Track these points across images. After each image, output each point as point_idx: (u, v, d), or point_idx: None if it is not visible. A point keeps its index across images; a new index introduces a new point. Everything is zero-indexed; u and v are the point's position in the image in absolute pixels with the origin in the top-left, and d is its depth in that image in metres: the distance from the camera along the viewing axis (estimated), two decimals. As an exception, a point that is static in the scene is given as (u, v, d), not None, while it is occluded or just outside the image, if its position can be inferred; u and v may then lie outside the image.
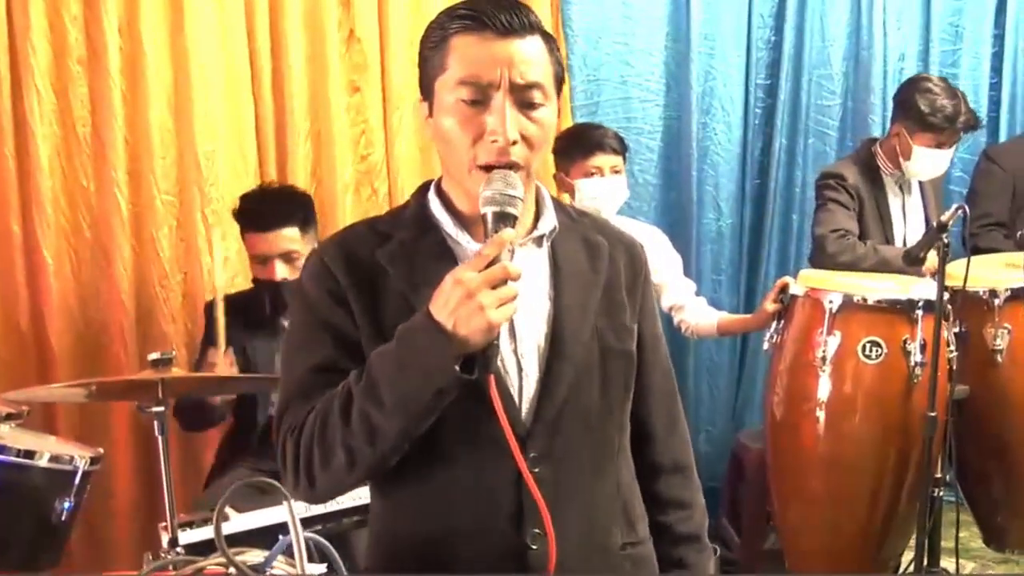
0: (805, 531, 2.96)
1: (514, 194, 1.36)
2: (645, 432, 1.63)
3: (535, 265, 1.50)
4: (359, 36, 3.41)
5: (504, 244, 1.31)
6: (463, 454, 1.44)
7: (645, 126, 3.97)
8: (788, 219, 4.18)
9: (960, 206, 2.62)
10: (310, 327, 1.48)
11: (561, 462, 1.46)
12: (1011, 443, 2.89)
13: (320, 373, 1.44)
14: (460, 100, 1.39)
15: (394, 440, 1.36)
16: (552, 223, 1.53)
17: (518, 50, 1.39)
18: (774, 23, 4.11)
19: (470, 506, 1.45)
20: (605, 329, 1.52)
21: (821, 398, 2.81)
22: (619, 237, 1.62)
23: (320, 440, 1.38)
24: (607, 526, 1.54)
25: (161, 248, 3.13)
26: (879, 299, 2.78)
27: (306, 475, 1.41)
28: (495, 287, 1.29)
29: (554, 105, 1.45)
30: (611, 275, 1.55)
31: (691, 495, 1.68)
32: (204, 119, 3.13)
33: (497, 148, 1.38)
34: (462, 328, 1.29)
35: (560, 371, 1.46)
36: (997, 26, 4.36)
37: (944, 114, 3.21)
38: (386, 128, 3.49)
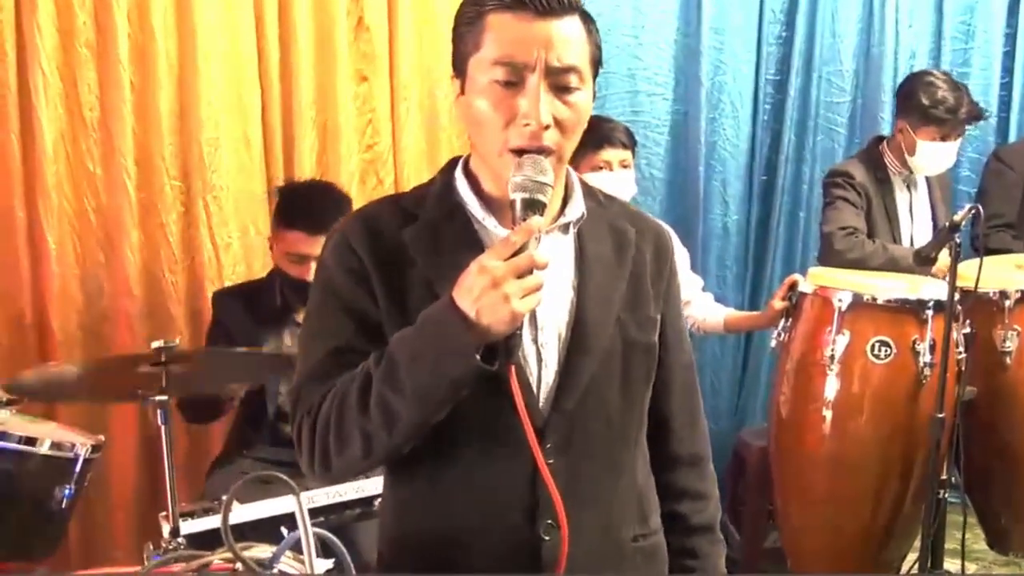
0: (808, 531, 2.95)
1: (544, 181, 1.33)
2: (664, 424, 1.61)
3: (560, 253, 1.47)
4: (367, 25, 3.38)
5: (532, 232, 1.28)
6: (479, 444, 1.42)
7: (653, 120, 3.94)
8: (795, 216, 4.16)
9: (973, 206, 2.60)
10: (330, 307, 1.45)
11: (578, 454, 1.44)
12: (1017, 446, 2.87)
13: (339, 355, 1.42)
14: (494, 81, 1.35)
15: (411, 427, 1.34)
16: (580, 210, 1.50)
17: (556, 31, 1.35)
18: (785, 18, 4.09)
19: (484, 497, 1.44)
20: (628, 321, 1.49)
21: (828, 397, 2.80)
22: (647, 224, 1.59)
23: (337, 423, 1.36)
24: (621, 519, 1.52)
25: (171, 233, 3.10)
26: (889, 298, 2.77)
27: (321, 457, 1.39)
28: (520, 276, 1.26)
29: (590, 89, 1.41)
30: (637, 265, 1.52)
31: (706, 487, 1.66)
32: (209, 107, 3.10)
33: (530, 132, 1.35)
34: (485, 317, 1.26)
35: (581, 362, 1.44)
36: (1009, 25, 4.34)
37: (946, 106, 3.19)
38: (393, 118, 3.46)
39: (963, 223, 2.60)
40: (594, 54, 1.41)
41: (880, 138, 3.50)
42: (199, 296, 3.14)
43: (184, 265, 3.14)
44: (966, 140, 3.45)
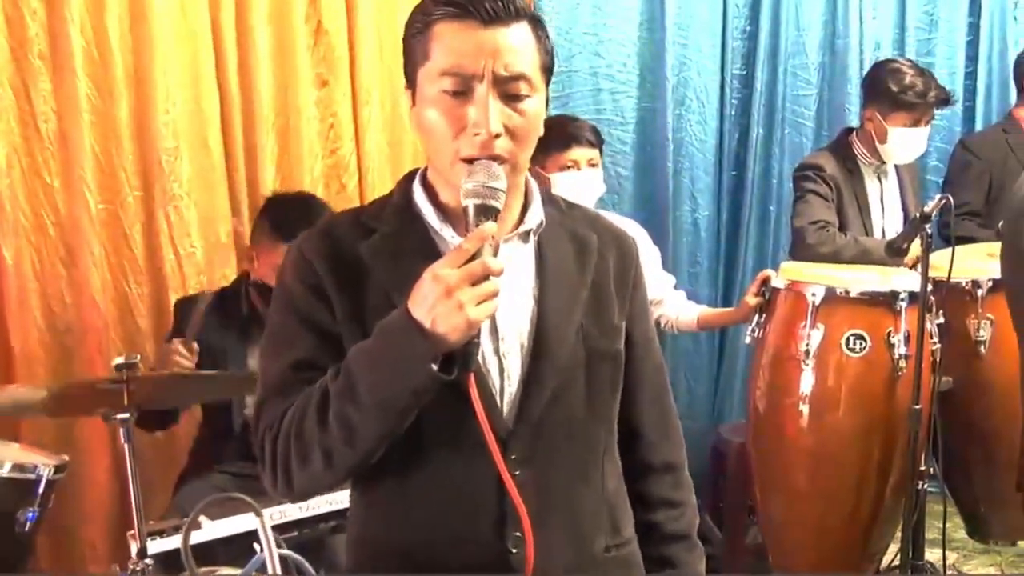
0: (789, 525, 2.94)
1: (497, 186, 1.31)
2: (635, 432, 1.59)
3: (520, 262, 1.45)
4: (327, 29, 3.32)
5: (485, 238, 1.26)
6: (443, 455, 1.40)
7: (617, 118, 3.91)
8: (766, 210, 4.14)
9: (944, 197, 2.59)
10: (289, 322, 1.43)
11: (544, 465, 1.42)
12: (994, 434, 2.86)
13: (299, 370, 1.40)
14: (442, 91, 1.34)
15: (372, 440, 1.32)
16: (539, 218, 1.48)
17: (504, 39, 1.33)
18: (749, 12, 4.08)
19: (450, 509, 1.41)
20: (591, 329, 1.47)
21: (804, 392, 2.79)
22: (610, 231, 1.57)
23: (297, 440, 1.34)
24: (592, 530, 1.49)
25: (134, 244, 3.04)
26: (862, 291, 2.76)
27: (284, 475, 1.37)
28: (475, 283, 1.24)
29: (542, 96, 1.40)
30: (599, 272, 1.50)
31: (682, 494, 1.64)
32: (167, 115, 3.03)
33: (480, 141, 1.33)
34: (440, 326, 1.24)
35: (543, 372, 1.42)
36: (972, 14, 4.37)
37: (915, 91, 3.20)
38: (356, 122, 3.41)
39: (934, 213, 2.59)
40: (545, 61, 1.40)
41: (849, 129, 3.49)
42: (164, 306, 3.07)
43: (148, 276, 3.07)
44: (933, 129, 3.45)
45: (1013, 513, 2.92)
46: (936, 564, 3.05)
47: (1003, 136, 3.82)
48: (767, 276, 2.92)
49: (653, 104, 3.94)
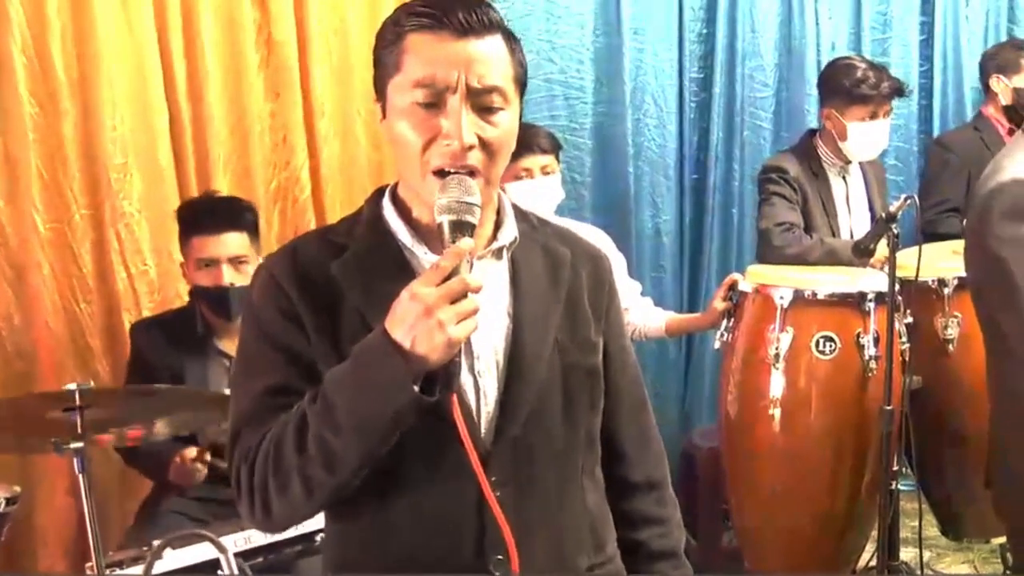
0: (763, 529, 2.91)
1: (472, 201, 1.29)
2: (615, 449, 1.56)
3: (494, 278, 1.42)
4: (277, 40, 3.24)
5: (462, 255, 1.24)
6: (422, 477, 1.36)
7: (573, 124, 3.85)
8: (728, 213, 4.12)
9: (909, 196, 2.57)
10: (261, 348, 1.40)
11: (524, 486, 1.39)
12: (964, 432, 2.84)
13: (273, 396, 1.36)
14: (414, 103, 1.31)
15: (353, 465, 1.29)
16: (513, 234, 1.45)
17: (477, 51, 1.31)
18: (705, 15, 4.06)
19: (429, 533, 1.37)
20: (567, 344, 1.45)
21: (775, 395, 2.76)
22: (582, 247, 1.56)
23: (275, 468, 1.31)
24: (574, 549, 1.46)
25: (84, 264, 2.95)
26: (829, 293, 2.74)
27: (262, 505, 1.33)
28: (454, 301, 1.21)
29: (515, 110, 1.37)
30: (574, 287, 1.48)
31: (666, 511, 1.62)
32: (115, 132, 2.95)
33: (451, 152, 1.31)
34: (421, 346, 1.21)
35: (520, 390, 1.39)
36: (924, 13, 4.39)
37: (869, 83, 3.22)
38: (308, 134, 3.34)
39: (899, 213, 2.57)
40: (518, 74, 1.38)
41: (812, 131, 3.48)
42: (117, 326, 2.99)
43: (99, 294, 2.99)
44: (890, 129, 3.44)
45: (986, 510, 2.90)
46: (911, 563, 3.05)
47: (976, 134, 3.84)
48: (734, 280, 2.90)
49: (610, 109, 3.89)
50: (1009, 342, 2.01)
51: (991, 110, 3.91)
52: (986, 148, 3.80)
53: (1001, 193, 2.00)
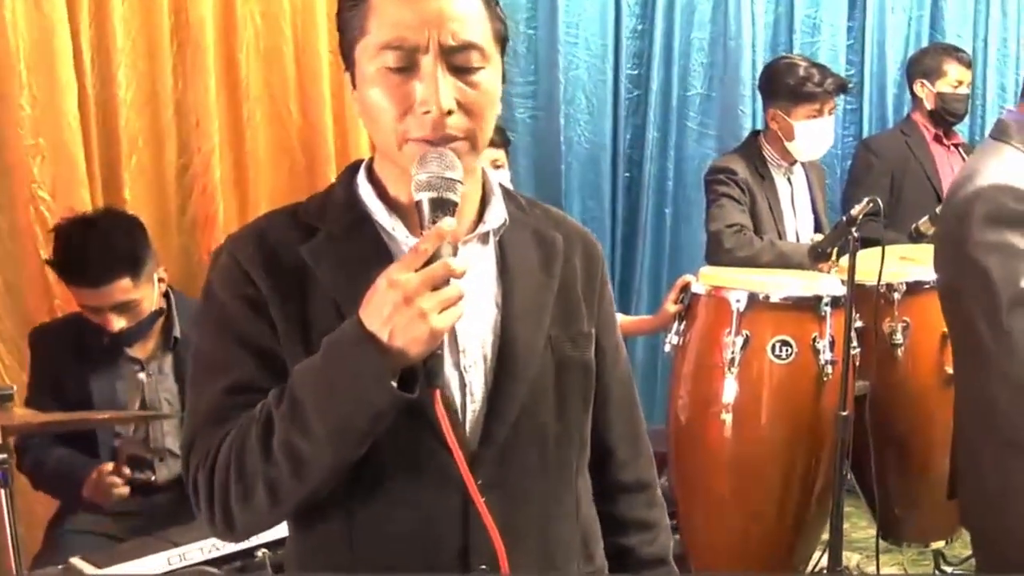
0: (711, 535, 2.85)
1: (453, 176, 1.17)
2: (605, 448, 1.47)
3: (481, 265, 1.31)
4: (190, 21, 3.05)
5: (444, 236, 1.12)
6: (401, 481, 1.24)
7: (504, 118, 3.73)
8: (661, 212, 4.09)
9: (872, 199, 2.54)
10: (223, 341, 1.27)
11: (512, 489, 1.29)
12: (909, 437, 2.86)
13: (234, 394, 1.24)
14: (384, 68, 1.19)
15: (324, 471, 1.18)
16: (501, 216, 1.33)
17: (449, 6, 1.19)
18: (640, 11, 4.01)
19: (408, 540, 1.26)
20: (560, 337, 1.34)
21: (727, 400, 2.70)
22: (574, 230, 1.44)
23: (237, 474, 1.19)
24: (564, 556, 1.37)
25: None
26: (785, 296, 2.70)
27: (222, 513, 1.22)
28: (436, 288, 1.10)
29: (497, 68, 1.26)
30: (566, 275, 1.37)
31: (655, 514, 1.54)
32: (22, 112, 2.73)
33: (431, 120, 1.18)
34: (399, 339, 1.10)
35: (510, 387, 1.28)
36: (851, 18, 4.44)
37: (813, 80, 3.23)
38: (227, 118, 3.16)
39: (860, 216, 2.55)
40: (498, 29, 1.26)
41: (756, 132, 3.47)
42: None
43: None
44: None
45: (927, 515, 2.94)
46: (848, 567, 3.05)
47: (902, 138, 3.90)
48: (687, 282, 2.83)
49: (542, 103, 3.82)
50: (986, 350, 1.98)
51: (918, 115, 3.97)
52: (911, 152, 3.87)
53: (979, 198, 1.97)
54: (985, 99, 4.57)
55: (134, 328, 2.51)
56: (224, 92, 3.12)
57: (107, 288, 2.41)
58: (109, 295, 2.42)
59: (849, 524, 3.61)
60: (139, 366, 2.59)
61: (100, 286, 2.40)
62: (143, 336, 2.57)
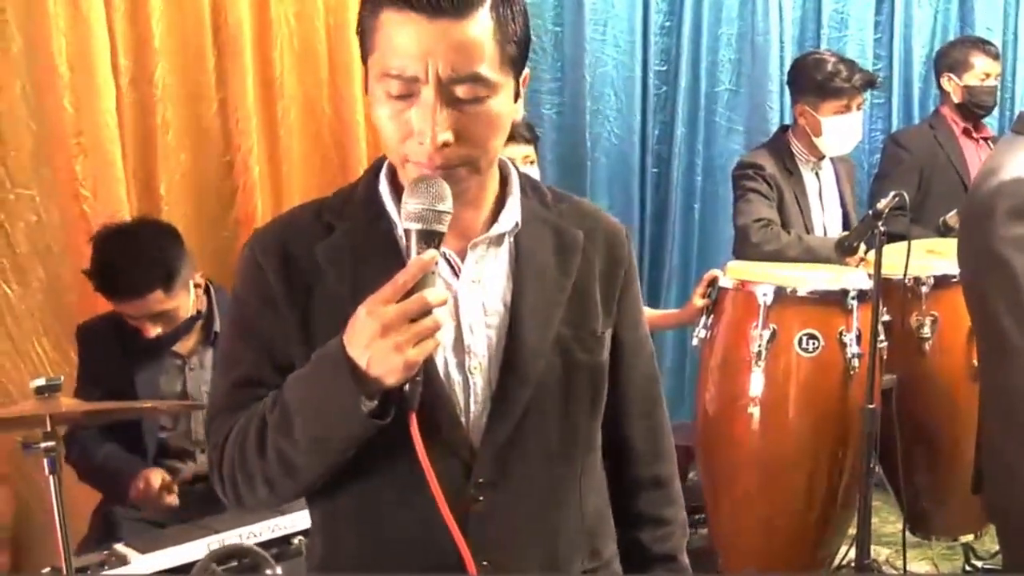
0: (739, 529, 2.88)
1: (443, 209, 1.17)
2: (623, 445, 1.46)
3: (492, 267, 1.31)
4: (229, 22, 3.11)
5: (426, 268, 1.14)
6: (399, 484, 1.27)
7: (531, 115, 3.76)
8: (689, 207, 4.10)
9: (898, 193, 2.56)
10: (236, 334, 1.34)
11: (515, 489, 1.30)
12: (937, 431, 2.87)
13: (242, 388, 1.30)
14: (387, 93, 1.19)
15: (312, 474, 1.25)
16: (514, 219, 1.32)
17: (450, 36, 1.15)
18: (668, 8, 4.03)
19: (408, 542, 1.30)
20: (570, 339, 1.33)
21: (755, 393, 2.73)
22: (600, 225, 1.41)
23: (240, 467, 1.28)
24: (568, 554, 1.38)
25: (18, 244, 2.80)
26: (812, 290, 2.72)
27: (233, 494, 1.32)
28: (414, 320, 1.12)
29: (507, 91, 1.22)
30: (583, 274, 1.35)
31: (671, 511, 1.52)
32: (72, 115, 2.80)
33: (426, 151, 1.18)
34: (375, 368, 1.14)
35: (514, 388, 1.28)
36: (879, 13, 4.43)
37: (841, 76, 3.23)
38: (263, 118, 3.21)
39: (886, 211, 2.56)
40: (509, 53, 1.21)
41: (785, 127, 3.48)
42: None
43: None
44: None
45: (955, 509, 2.95)
46: (878, 561, 3.05)
47: (931, 132, 3.88)
48: (714, 276, 2.85)
49: (569, 100, 3.84)
50: (1011, 343, 1.99)
51: (946, 109, 3.96)
52: (940, 146, 3.85)
53: (1003, 193, 1.98)
54: (1015, 92, 4.54)
55: (171, 334, 2.57)
56: (260, 91, 3.18)
57: (141, 301, 2.47)
58: (144, 307, 2.48)
59: (878, 519, 3.61)
60: (181, 360, 2.65)
61: (134, 300, 2.47)
62: (182, 337, 2.63)
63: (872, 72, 3.39)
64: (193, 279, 2.61)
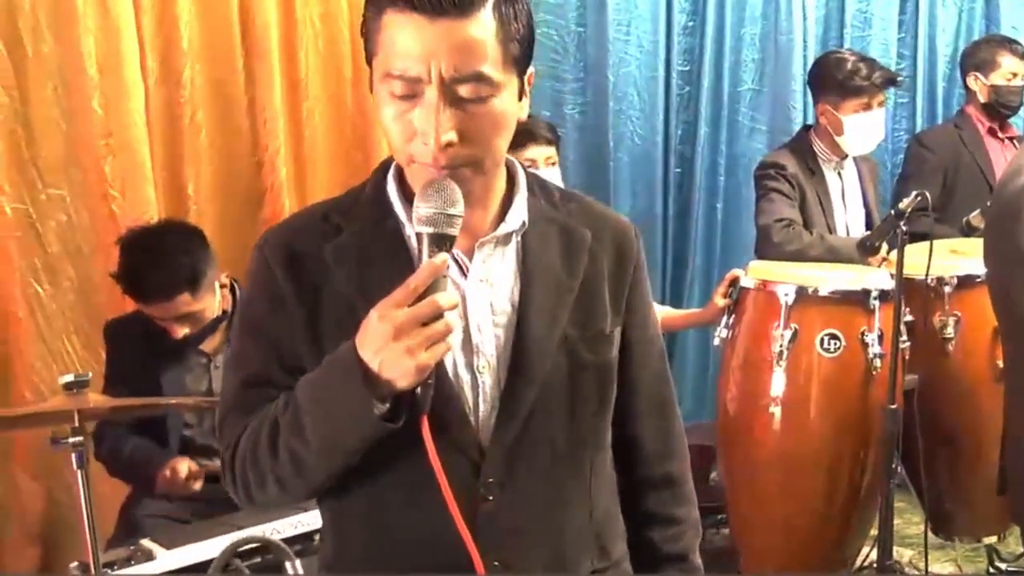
0: (759, 529, 2.89)
1: (454, 212, 1.18)
2: (631, 442, 1.46)
3: (500, 266, 1.32)
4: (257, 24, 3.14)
5: (438, 272, 1.14)
6: (409, 484, 1.27)
7: (554, 115, 3.76)
8: (712, 207, 4.11)
9: (920, 193, 2.56)
10: (246, 333, 1.35)
11: (523, 488, 1.31)
12: (960, 431, 2.86)
13: (251, 388, 1.32)
14: (391, 93, 1.20)
15: (323, 475, 1.27)
16: (521, 218, 1.33)
17: (453, 36, 1.16)
18: (691, 7, 4.03)
19: (419, 542, 1.31)
20: (577, 339, 1.33)
21: (776, 393, 2.73)
22: (608, 224, 1.41)
23: (252, 465, 1.29)
24: (576, 554, 1.38)
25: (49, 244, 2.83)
26: (833, 290, 2.72)
27: (244, 493, 1.33)
28: (425, 324, 1.13)
29: (512, 90, 1.23)
30: (591, 274, 1.35)
31: (682, 511, 1.51)
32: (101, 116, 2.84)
33: (431, 151, 1.19)
34: (387, 371, 1.15)
35: (522, 388, 1.29)
36: (903, 12, 4.41)
37: (861, 74, 3.23)
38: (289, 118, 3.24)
39: (908, 210, 2.56)
40: (512, 51, 1.21)
41: (807, 127, 3.47)
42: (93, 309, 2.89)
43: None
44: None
45: (978, 510, 2.94)
46: (900, 562, 3.05)
47: (956, 132, 3.86)
48: (736, 276, 2.86)
49: (592, 100, 3.84)
50: (1034, 343, 2.00)
51: (971, 108, 3.94)
52: (964, 146, 3.83)
53: None
54: (1042, 92, 4.50)
55: (197, 334, 2.61)
56: (286, 92, 3.21)
57: (168, 303, 2.50)
58: (171, 309, 2.51)
59: (902, 520, 3.59)
60: (207, 359, 2.68)
61: (161, 302, 2.50)
62: (208, 337, 2.66)
63: (893, 70, 3.36)
64: (219, 279, 2.64)
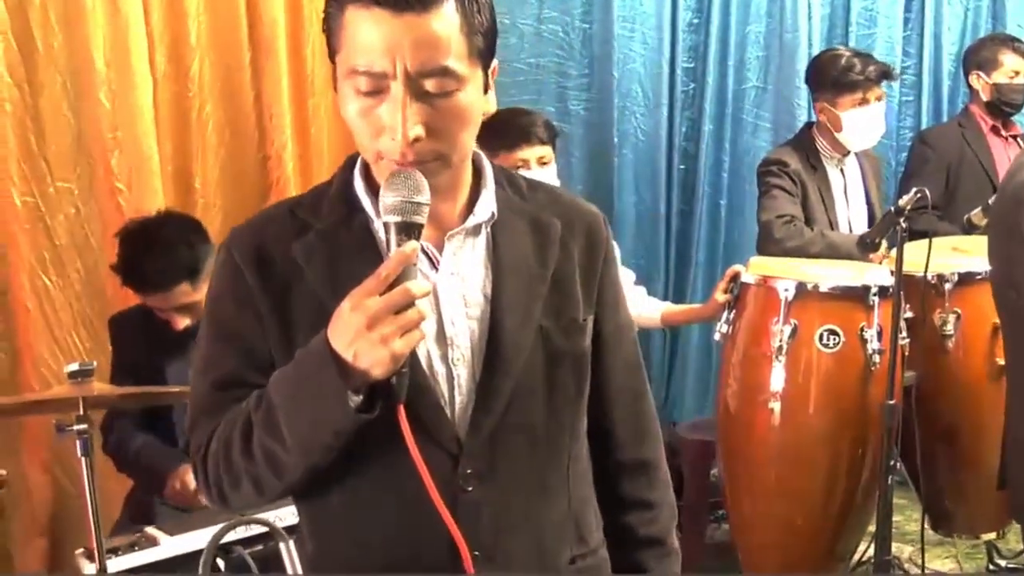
0: (758, 524, 2.89)
1: (420, 200, 1.18)
2: (603, 429, 1.46)
3: (470, 259, 1.32)
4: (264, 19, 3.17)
5: (408, 260, 1.15)
6: (390, 473, 1.26)
7: (559, 111, 3.80)
8: (716, 204, 4.12)
9: (920, 190, 2.57)
10: (214, 335, 1.34)
11: (502, 480, 1.31)
12: (960, 428, 2.87)
13: (222, 389, 1.31)
14: (356, 89, 1.19)
15: (299, 472, 1.25)
16: (490, 209, 1.33)
17: (417, 30, 1.16)
18: (696, 5, 4.04)
19: (399, 530, 1.30)
20: (551, 329, 1.34)
21: (775, 389, 2.74)
22: (578, 213, 1.41)
23: (226, 467, 1.28)
24: (556, 543, 1.39)
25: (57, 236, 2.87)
26: (833, 286, 2.73)
27: (218, 496, 1.32)
28: (398, 312, 1.13)
29: (476, 83, 1.24)
30: (562, 263, 1.36)
31: (656, 494, 1.51)
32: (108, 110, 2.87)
33: (398, 147, 1.19)
34: (362, 361, 1.14)
35: (498, 379, 1.29)
36: (908, 10, 4.41)
37: (856, 70, 3.25)
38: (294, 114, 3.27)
39: (907, 207, 2.57)
40: (476, 45, 1.22)
41: (810, 124, 3.49)
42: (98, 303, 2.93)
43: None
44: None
45: (977, 507, 2.95)
46: (900, 558, 3.06)
47: (959, 130, 3.87)
48: (736, 272, 2.87)
49: (597, 96, 3.86)
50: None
51: (975, 107, 3.95)
52: (967, 144, 3.84)
53: None
54: (1048, 90, 4.50)
55: (198, 324, 2.62)
56: (292, 87, 3.23)
57: (167, 294, 2.52)
58: (171, 299, 2.53)
59: (902, 516, 3.61)
60: None
61: (160, 293, 2.52)
62: None
63: (889, 64, 3.38)
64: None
